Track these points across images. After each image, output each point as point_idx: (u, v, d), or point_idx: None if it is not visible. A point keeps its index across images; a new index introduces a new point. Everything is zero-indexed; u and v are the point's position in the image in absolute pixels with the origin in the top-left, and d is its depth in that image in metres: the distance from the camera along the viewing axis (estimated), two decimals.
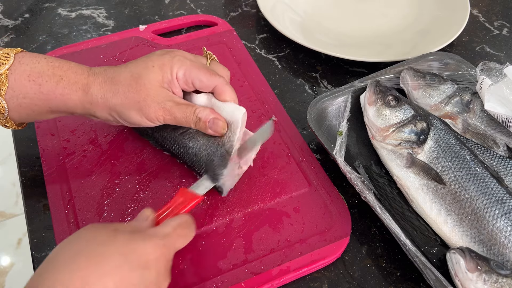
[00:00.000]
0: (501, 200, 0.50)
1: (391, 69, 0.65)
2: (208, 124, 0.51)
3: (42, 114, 0.51)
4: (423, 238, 0.52)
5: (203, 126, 0.51)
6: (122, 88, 0.50)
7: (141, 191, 0.55)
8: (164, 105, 0.50)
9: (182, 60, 0.51)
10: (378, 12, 0.85)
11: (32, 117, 0.52)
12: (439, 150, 0.54)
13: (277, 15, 0.80)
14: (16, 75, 0.48)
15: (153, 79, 0.50)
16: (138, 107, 0.49)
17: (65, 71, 0.50)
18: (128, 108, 0.50)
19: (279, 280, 0.49)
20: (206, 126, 0.51)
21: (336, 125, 0.61)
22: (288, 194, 0.56)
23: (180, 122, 0.51)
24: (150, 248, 0.40)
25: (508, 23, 0.83)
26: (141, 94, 0.49)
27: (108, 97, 0.50)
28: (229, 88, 0.53)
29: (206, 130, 0.51)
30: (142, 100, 0.49)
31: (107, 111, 0.51)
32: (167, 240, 0.42)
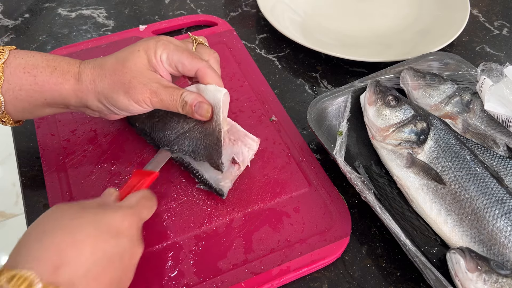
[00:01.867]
0: (501, 200, 0.50)
1: (391, 69, 0.65)
2: (194, 108, 0.50)
3: (38, 107, 0.51)
4: (423, 238, 0.52)
5: (189, 110, 0.51)
6: (109, 72, 0.50)
7: None
8: (150, 86, 0.50)
9: (166, 44, 0.52)
10: (378, 12, 0.85)
11: (28, 111, 0.52)
12: (439, 150, 0.54)
13: (277, 15, 0.80)
14: (12, 68, 0.49)
15: (139, 62, 0.50)
16: (124, 89, 0.49)
17: (59, 63, 0.51)
18: (115, 91, 0.50)
19: (279, 280, 0.49)
20: (193, 110, 0.50)
21: (336, 125, 0.61)
22: (288, 194, 0.56)
23: (167, 105, 0.51)
24: (120, 217, 0.41)
25: (508, 23, 0.83)
26: (127, 76, 0.50)
27: (97, 81, 0.50)
28: (211, 71, 0.52)
29: (193, 114, 0.51)
30: (128, 82, 0.49)
31: (97, 97, 0.51)
32: (134, 210, 0.44)
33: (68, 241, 0.37)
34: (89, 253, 0.38)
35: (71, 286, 0.36)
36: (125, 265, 0.41)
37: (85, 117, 0.63)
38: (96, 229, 0.39)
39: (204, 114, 0.51)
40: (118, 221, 0.41)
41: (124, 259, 0.41)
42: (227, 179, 0.54)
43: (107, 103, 0.51)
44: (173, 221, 0.53)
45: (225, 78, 0.63)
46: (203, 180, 0.54)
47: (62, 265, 0.36)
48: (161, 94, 0.50)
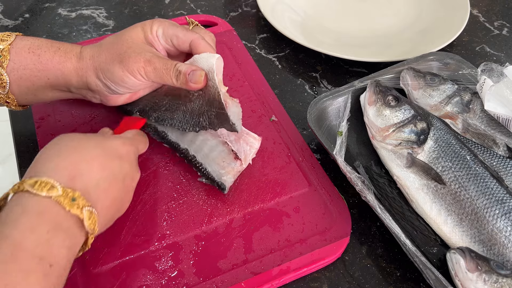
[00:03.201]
0: (501, 200, 0.50)
1: (391, 69, 0.65)
2: (188, 76, 0.51)
3: (41, 89, 0.53)
4: (423, 238, 0.52)
5: (183, 80, 0.51)
6: (106, 46, 0.52)
7: (141, 191, 0.55)
8: (145, 55, 0.51)
9: (162, 21, 0.55)
10: (378, 12, 0.85)
11: (32, 93, 0.53)
12: (439, 150, 0.54)
13: (277, 15, 0.80)
14: (17, 49, 0.51)
15: (135, 36, 0.53)
16: (119, 60, 0.51)
17: (62, 44, 0.53)
18: (111, 62, 0.51)
19: (279, 280, 0.49)
20: (187, 79, 0.51)
21: (336, 125, 0.61)
22: (288, 194, 0.56)
23: (161, 74, 0.51)
24: (120, 144, 0.47)
25: (508, 23, 0.83)
26: (123, 47, 0.52)
27: (95, 56, 0.52)
28: (204, 42, 0.53)
29: (187, 84, 0.51)
30: (123, 52, 0.51)
31: (95, 72, 0.52)
32: (132, 140, 0.50)
33: (80, 158, 0.43)
34: (98, 169, 0.43)
35: (86, 193, 0.41)
36: (126, 185, 0.46)
37: (85, 117, 0.63)
38: (102, 150, 0.45)
39: (197, 79, 0.51)
40: (119, 146, 0.47)
41: (126, 180, 0.46)
42: (229, 174, 0.54)
43: (104, 78, 0.52)
44: (173, 221, 0.53)
45: (225, 78, 0.63)
46: (206, 174, 0.55)
47: (77, 175, 0.41)
48: (155, 63, 0.51)
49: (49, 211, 0.38)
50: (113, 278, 0.48)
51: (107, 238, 0.51)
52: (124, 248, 0.50)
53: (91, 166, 0.43)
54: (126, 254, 0.50)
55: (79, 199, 0.40)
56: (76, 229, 0.40)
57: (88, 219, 0.40)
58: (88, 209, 0.40)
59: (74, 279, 0.48)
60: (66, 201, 0.39)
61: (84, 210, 0.40)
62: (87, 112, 0.64)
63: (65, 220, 0.39)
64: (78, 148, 0.44)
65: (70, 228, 0.39)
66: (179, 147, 0.57)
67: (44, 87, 0.53)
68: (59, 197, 0.39)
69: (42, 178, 0.39)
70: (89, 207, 0.41)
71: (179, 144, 0.57)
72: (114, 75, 0.51)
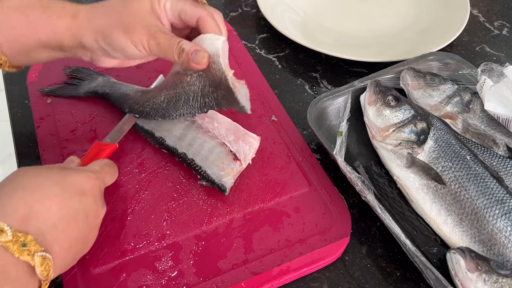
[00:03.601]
0: (501, 200, 0.50)
1: (391, 69, 0.65)
2: (191, 56, 0.49)
3: (33, 49, 0.51)
4: (423, 238, 0.52)
5: (185, 59, 0.49)
6: (109, 10, 0.50)
7: (141, 191, 0.55)
8: (149, 28, 0.49)
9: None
10: (378, 12, 0.85)
11: (24, 54, 0.51)
12: (439, 150, 0.54)
13: (277, 15, 0.79)
14: (3, 8, 0.49)
15: (142, 6, 0.50)
16: (123, 28, 0.49)
17: (53, 2, 0.51)
18: (114, 29, 0.49)
19: (279, 280, 0.49)
20: (189, 58, 0.49)
21: (336, 125, 0.61)
22: (288, 194, 0.56)
23: (164, 49, 0.49)
24: (84, 178, 0.44)
25: (508, 23, 0.83)
26: (128, 16, 0.49)
27: (96, 18, 0.50)
28: (212, 20, 0.51)
29: (189, 63, 0.49)
30: (128, 22, 0.49)
31: (94, 34, 0.50)
32: (98, 174, 0.47)
33: (35, 198, 0.40)
34: (56, 209, 0.40)
35: (40, 236, 0.38)
36: (90, 223, 0.44)
37: (85, 117, 0.63)
38: (62, 188, 0.42)
39: (200, 60, 0.49)
40: (82, 182, 0.44)
41: (89, 217, 0.43)
42: (229, 176, 0.54)
43: (103, 42, 0.50)
44: (173, 221, 0.53)
45: None
46: (206, 176, 0.55)
47: (31, 217, 0.38)
48: (159, 37, 0.49)
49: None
50: (113, 278, 0.48)
51: (107, 238, 0.51)
52: (124, 248, 0.50)
53: (47, 206, 0.40)
54: (126, 254, 0.50)
55: (31, 244, 0.37)
56: (26, 277, 0.37)
57: (40, 265, 0.37)
58: (41, 254, 0.38)
59: (74, 279, 0.48)
60: (15, 247, 0.36)
61: (36, 256, 0.37)
62: (87, 112, 0.64)
63: (14, 268, 0.36)
64: (34, 187, 0.40)
65: (19, 277, 0.37)
66: (177, 151, 0.57)
67: (35, 47, 0.50)
68: (8, 243, 0.36)
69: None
70: (42, 253, 0.38)
71: (177, 148, 0.57)
72: (115, 42, 0.49)
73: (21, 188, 0.40)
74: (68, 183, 0.43)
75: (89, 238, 0.45)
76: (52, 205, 0.40)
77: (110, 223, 0.52)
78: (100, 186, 0.47)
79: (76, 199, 0.42)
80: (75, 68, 0.67)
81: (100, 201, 0.46)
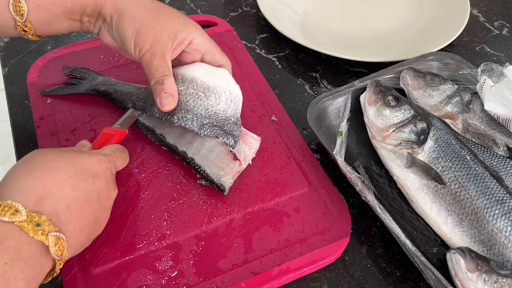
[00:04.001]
0: (501, 200, 0.50)
1: (391, 69, 0.65)
2: (163, 93, 0.52)
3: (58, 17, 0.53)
4: (423, 238, 0.52)
5: (158, 90, 0.52)
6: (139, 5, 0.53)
7: (141, 191, 0.55)
8: (156, 46, 0.52)
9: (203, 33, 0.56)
10: (378, 12, 0.85)
11: (49, 22, 0.53)
12: (439, 150, 0.54)
13: (277, 15, 0.79)
14: None
15: (170, 26, 0.53)
16: (137, 28, 0.52)
17: None
18: (130, 21, 0.52)
19: (279, 280, 0.49)
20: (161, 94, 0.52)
21: (336, 125, 0.61)
22: (288, 194, 0.56)
23: (149, 69, 0.52)
24: (96, 161, 0.46)
25: (508, 23, 0.83)
26: (150, 22, 0.52)
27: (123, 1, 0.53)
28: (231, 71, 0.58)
29: (156, 95, 0.52)
30: (146, 26, 0.52)
31: (113, 11, 0.53)
32: (109, 157, 0.48)
33: (50, 179, 0.41)
34: (70, 190, 0.41)
35: (54, 216, 0.39)
36: (102, 204, 0.45)
37: (85, 117, 0.63)
38: (75, 169, 0.43)
39: (165, 104, 0.52)
40: (95, 164, 0.45)
41: (101, 198, 0.45)
42: (229, 175, 0.54)
43: (115, 21, 0.53)
44: (173, 221, 0.53)
45: None
46: (205, 176, 0.55)
47: (46, 197, 0.39)
48: (156, 57, 0.52)
49: (10, 238, 0.36)
50: (113, 278, 0.48)
51: (107, 238, 0.51)
52: (124, 248, 0.50)
53: (61, 187, 0.41)
54: (126, 254, 0.50)
55: (45, 224, 0.38)
56: (40, 257, 0.38)
57: (54, 245, 0.38)
58: (55, 234, 0.38)
59: (74, 279, 0.48)
60: (30, 226, 0.37)
61: (50, 236, 0.38)
62: (87, 112, 0.64)
63: (28, 248, 0.37)
64: (48, 168, 0.42)
65: (33, 257, 0.37)
66: (177, 149, 0.57)
67: (61, 15, 0.53)
68: (23, 223, 0.37)
69: (6, 201, 0.37)
70: (56, 233, 0.38)
71: (177, 146, 0.57)
72: (121, 31, 0.52)
73: (35, 169, 0.41)
74: (81, 166, 0.44)
75: (102, 219, 0.46)
76: (65, 186, 0.41)
77: (110, 223, 0.52)
78: (112, 169, 0.48)
79: (89, 181, 0.43)
80: (74, 68, 0.67)
81: (111, 183, 0.47)
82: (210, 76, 0.56)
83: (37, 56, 0.72)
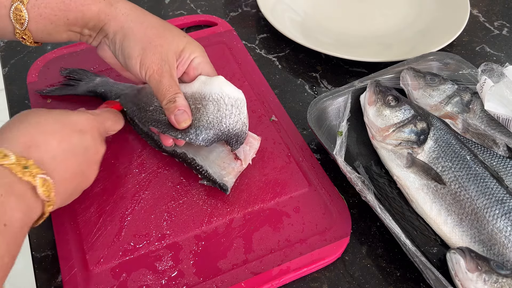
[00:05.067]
0: (501, 200, 0.50)
1: (391, 69, 0.65)
2: (177, 111, 0.51)
3: (58, 28, 0.52)
4: (423, 238, 0.52)
5: (172, 108, 0.51)
6: (146, 20, 0.53)
7: (141, 191, 0.55)
8: (163, 65, 0.52)
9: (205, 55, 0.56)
10: (378, 12, 0.85)
11: (48, 32, 0.52)
12: (439, 150, 0.54)
13: (277, 15, 0.79)
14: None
15: (175, 42, 0.53)
16: (144, 46, 0.51)
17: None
18: (136, 39, 0.51)
19: (279, 280, 0.49)
20: (175, 112, 0.51)
21: (336, 125, 0.61)
22: (288, 194, 0.56)
23: (159, 89, 0.52)
24: (83, 118, 0.48)
25: (508, 23, 0.83)
26: (157, 40, 0.52)
27: (131, 18, 0.52)
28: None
29: (170, 113, 0.52)
30: (154, 45, 0.52)
31: (118, 28, 0.52)
32: (98, 116, 0.50)
33: (38, 131, 0.44)
34: (56, 142, 0.44)
35: (41, 164, 0.42)
36: (89, 158, 0.47)
37: None
38: (62, 125, 0.46)
39: (180, 121, 0.52)
40: (82, 121, 0.47)
41: (88, 153, 0.47)
42: (231, 175, 0.54)
43: (118, 39, 0.52)
44: (173, 221, 0.53)
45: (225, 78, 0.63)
46: (207, 176, 0.54)
47: (33, 146, 0.42)
48: (165, 78, 0.52)
49: (2, 177, 0.39)
50: (113, 278, 0.48)
51: (107, 238, 0.51)
52: (124, 248, 0.50)
53: (48, 139, 0.43)
54: (126, 254, 0.50)
55: (32, 167, 0.41)
56: (30, 197, 0.41)
57: (41, 186, 0.41)
58: (42, 176, 0.41)
59: (74, 279, 0.48)
60: (18, 168, 0.40)
61: (37, 178, 0.41)
62: None
63: (18, 187, 0.40)
64: (38, 122, 0.44)
65: (24, 195, 0.40)
66: (176, 152, 0.57)
67: (61, 26, 0.52)
68: (12, 165, 0.40)
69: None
70: (42, 175, 0.41)
71: (176, 150, 0.57)
72: (127, 49, 0.52)
73: (24, 123, 0.44)
74: (69, 121, 0.46)
75: (88, 173, 0.48)
76: (52, 139, 0.44)
77: (110, 223, 0.52)
78: (99, 128, 0.50)
79: (76, 135, 0.46)
80: (72, 69, 0.67)
81: (99, 140, 0.49)
82: (205, 85, 0.54)
83: (37, 56, 0.72)
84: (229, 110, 0.53)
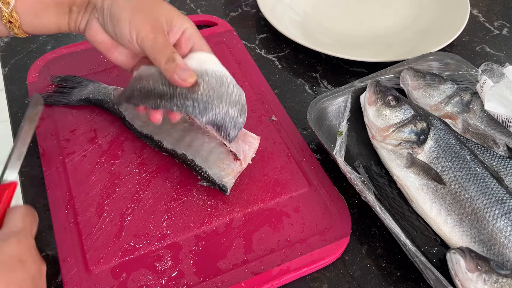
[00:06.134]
0: (501, 200, 0.50)
1: (391, 69, 0.65)
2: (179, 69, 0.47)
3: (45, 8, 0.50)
4: (423, 238, 0.52)
5: (172, 67, 0.47)
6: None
7: (141, 191, 0.55)
8: (155, 24, 0.48)
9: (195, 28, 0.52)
10: (378, 12, 0.85)
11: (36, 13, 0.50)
12: (439, 150, 0.54)
13: (277, 15, 0.79)
14: None
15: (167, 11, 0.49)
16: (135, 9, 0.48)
17: None
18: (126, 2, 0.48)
19: (279, 280, 0.49)
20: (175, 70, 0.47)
21: (336, 125, 0.61)
22: (288, 194, 0.56)
23: (157, 49, 0.48)
24: (15, 244, 0.41)
25: (508, 23, 0.83)
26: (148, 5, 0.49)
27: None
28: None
29: (172, 73, 0.47)
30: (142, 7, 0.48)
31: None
32: (24, 232, 0.43)
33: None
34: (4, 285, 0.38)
35: None
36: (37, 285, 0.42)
37: (85, 117, 0.63)
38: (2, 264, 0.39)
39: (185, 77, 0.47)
40: (16, 249, 0.41)
41: (35, 280, 0.41)
42: (230, 176, 0.54)
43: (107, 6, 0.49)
44: (173, 221, 0.53)
45: None
46: (207, 177, 0.54)
47: None
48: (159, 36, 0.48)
49: None
50: (113, 278, 0.48)
51: (107, 238, 0.51)
52: (124, 248, 0.50)
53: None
54: (126, 254, 0.50)
55: None
56: None
57: None
58: None
59: (74, 279, 0.48)
60: None
61: None
62: (87, 112, 0.64)
63: None
64: None
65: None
66: (176, 153, 0.57)
67: (48, 6, 0.50)
68: None
69: None
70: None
71: (176, 150, 0.57)
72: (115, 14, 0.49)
73: None
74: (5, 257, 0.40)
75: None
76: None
77: (110, 223, 0.52)
78: (31, 242, 0.44)
79: (18, 269, 0.40)
80: (63, 77, 0.66)
81: (38, 258, 0.43)
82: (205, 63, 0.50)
83: (37, 56, 0.72)
84: (231, 89, 0.50)
